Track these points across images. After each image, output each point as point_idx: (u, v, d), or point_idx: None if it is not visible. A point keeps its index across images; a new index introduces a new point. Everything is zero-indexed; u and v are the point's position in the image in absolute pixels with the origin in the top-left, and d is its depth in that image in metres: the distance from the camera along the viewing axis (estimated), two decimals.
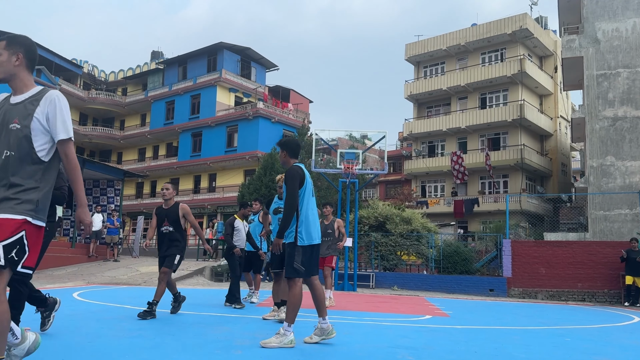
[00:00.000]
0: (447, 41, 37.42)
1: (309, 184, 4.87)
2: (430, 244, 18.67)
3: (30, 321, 4.83)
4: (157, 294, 6.37)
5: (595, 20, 24.12)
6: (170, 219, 6.59)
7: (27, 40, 2.82)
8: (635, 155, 22.61)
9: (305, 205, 4.80)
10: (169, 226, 6.55)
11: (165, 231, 6.58)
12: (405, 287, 16.82)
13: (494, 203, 33.25)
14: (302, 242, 4.72)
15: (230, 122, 38.05)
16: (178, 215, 6.61)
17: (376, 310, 9.18)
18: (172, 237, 6.55)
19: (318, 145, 23.62)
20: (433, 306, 10.73)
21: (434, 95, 38.46)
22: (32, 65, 2.83)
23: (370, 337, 5.59)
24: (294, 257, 4.69)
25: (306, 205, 4.80)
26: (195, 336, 5.02)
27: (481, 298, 14.91)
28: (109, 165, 26.97)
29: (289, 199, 4.68)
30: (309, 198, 4.84)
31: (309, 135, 32.45)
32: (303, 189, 4.79)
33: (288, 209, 4.66)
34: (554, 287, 15.57)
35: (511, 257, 16.02)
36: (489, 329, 6.98)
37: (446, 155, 36.50)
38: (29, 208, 2.56)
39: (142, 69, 46.17)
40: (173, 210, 6.64)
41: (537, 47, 36.60)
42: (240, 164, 37.19)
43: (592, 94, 23.61)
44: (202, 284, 15.02)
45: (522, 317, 9.35)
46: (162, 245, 6.59)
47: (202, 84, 39.58)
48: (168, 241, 6.54)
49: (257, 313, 7.67)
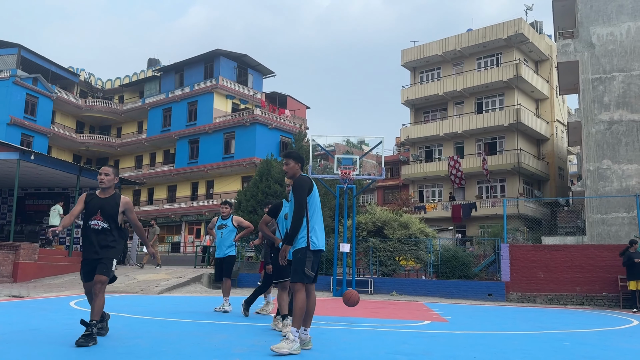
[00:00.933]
0: (443, 46, 37.56)
1: (316, 192, 4.99)
2: (428, 249, 18.65)
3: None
4: (95, 312, 4.94)
5: (589, 25, 24.25)
6: (106, 213, 5.11)
7: None
8: (632, 159, 22.68)
9: (313, 212, 4.90)
10: (102, 221, 5.07)
11: (95, 227, 5.07)
12: (404, 293, 16.78)
13: (491, 207, 33.28)
14: (314, 246, 4.79)
15: (228, 129, 38.05)
16: (117, 209, 5.20)
17: (375, 316, 9.15)
18: (107, 236, 5.09)
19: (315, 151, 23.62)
20: (432, 311, 10.70)
21: (431, 100, 38.56)
22: None
23: (369, 343, 5.57)
24: (305, 262, 4.75)
25: (314, 213, 4.91)
26: (192, 345, 4.99)
27: (480, 303, 14.88)
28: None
29: (297, 208, 4.77)
30: (316, 206, 4.95)
31: (306, 141, 32.48)
32: (311, 196, 4.90)
33: (297, 217, 4.75)
34: (553, 291, 15.55)
35: (509, 261, 16.01)
36: (488, 334, 6.97)
37: (443, 160, 36.57)
38: None
39: (138, 77, 46.21)
40: (110, 202, 5.19)
41: (532, 51, 36.76)
42: (237, 171, 37.17)
43: (588, 97, 23.70)
44: (199, 292, 14.97)
45: (521, 321, 9.33)
46: (90, 245, 5.08)
47: (199, 91, 39.62)
48: (100, 241, 5.04)
49: (255, 321, 7.64)
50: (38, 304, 9.35)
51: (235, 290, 16.82)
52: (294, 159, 5.05)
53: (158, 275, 16.79)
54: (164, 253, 35.00)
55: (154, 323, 6.81)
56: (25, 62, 39.28)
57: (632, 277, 13.74)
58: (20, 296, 11.42)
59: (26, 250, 15.87)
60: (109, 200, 5.18)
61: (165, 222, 40.06)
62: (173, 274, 17.17)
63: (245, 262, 20.46)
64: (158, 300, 11.40)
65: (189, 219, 39.15)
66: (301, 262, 4.75)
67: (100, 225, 5.07)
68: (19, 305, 8.91)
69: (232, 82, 39.88)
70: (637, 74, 23.17)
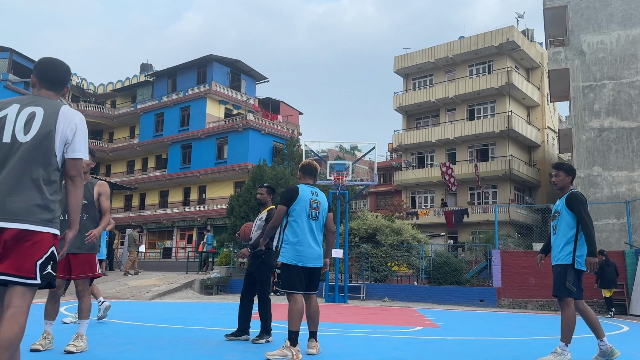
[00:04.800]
0: (435, 54, 37.79)
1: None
2: (420, 254, 18.69)
3: None
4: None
5: (580, 33, 24.50)
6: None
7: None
8: (622, 166, 22.88)
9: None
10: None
11: None
12: (396, 299, 16.80)
13: (483, 213, 33.41)
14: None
15: (220, 134, 37.99)
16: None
17: (367, 322, 9.15)
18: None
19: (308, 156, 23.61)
20: (424, 317, 10.72)
21: (423, 107, 38.73)
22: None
23: (360, 349, 5.57)
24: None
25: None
26: (184, 351, 4.97)
27: (471, 309, 14.92)
28: (97, 177, 26.76)
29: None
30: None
31: (298, 147, 32.49)
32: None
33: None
34: (544, 297, 15.62)
35: (501, 267, 16.08)
36: (479, 340, 6.99)
37: (436, 166, 36.69)
38: None
39: (131, 82, 46.08)
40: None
41: (524, 59, 37.05)
42: (230, 176, 37.09)
43: (579, 105, 23.91)
44: (191, 297, 14.90)
45: (512, 327, 9.37)
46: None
47: (192, 96, 39.55)
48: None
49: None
50: None
51: (227, 296, 16.76)
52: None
53: (149, 281, 16.71)
54: (156, 259, 34.82)
55: (145, 329, 6.77)
56: (17, 66, 39.07)
57: (604, 286, 13.96)
58: None
59: None
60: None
61: (157, 228, 39.85)
62: (164, 279, 17.09)
63: (237, 269, 20.39)
64: (149, 306, 11.34)
65: (181, 224, 38.98)
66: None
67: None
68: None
69: (225, 88, 39.85)
70: (627, 81, 23.42)
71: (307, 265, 4.91)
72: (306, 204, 4.98)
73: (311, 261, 4.93)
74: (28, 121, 2.59)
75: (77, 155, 2.66)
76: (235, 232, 21.71)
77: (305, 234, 4.93)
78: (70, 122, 2.66)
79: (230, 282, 18.78)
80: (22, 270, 2.44)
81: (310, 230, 4.96)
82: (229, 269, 20.17)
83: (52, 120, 2.61)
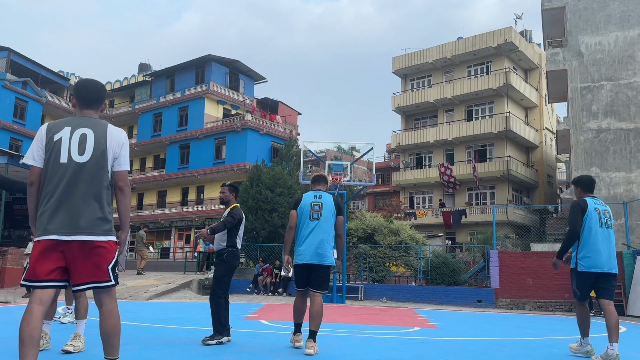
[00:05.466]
0: (434, 54, 37.82)
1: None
2: (418, 255, 18.69)
3: None
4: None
5: (578, 34, 24.54)
6: None
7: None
8: (619, 167, 22.91)
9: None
10: None
11: None
12: (394, 299, 16.80)
13: (481, 214, 33.43)
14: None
15: (219, 134, 37.96)
16: None
17: (365, 323, 9.15)
18: None
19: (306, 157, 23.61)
20: (422, 318, 10.72)
21: (421, 107, 38.75)
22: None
23: (358, 349, 5.57)
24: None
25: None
26: (182, 351, 4.97)
27: (469, 309, 14.93)
28: None
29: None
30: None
31: (297, 147, 32.47)
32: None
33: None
34: (541, 298, 15.63)
35: (499, 268, 16.08)
36: (477, 340, 6.99)
37: (434, 166, 36.72)
38: None
39: (129, 81, 46.03)
40: None
41: (522, 60, 37.10)
42: (228, 176, 37.04)
43: (577, 106, 23.95)
44: (189, 298, 14.88)
45: (510, 328, 9.37)
46: None
47: (190, 96, 39.51)
48: None
49: (245, 327, 7.62)
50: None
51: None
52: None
53: (147, 281, 16.68)
54: (154, 259, 34.77)
55: (143, 329, 6.77)
56: (15, 66, 39.00)
57: None
58: (7, 302, 11.29)
59: (14, 256, 15.70)
60: None
61: (155, 228, 39.79)
62: (162, 279, 17.07)
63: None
64: (147, 306, 11.32)
65: (179, 224, 38.94)
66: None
67: None
68: (6, 312, 8.81)
69: (224, 88, 39.83)
70: (624, 82, 23.47)
71: (304, 262, 5.21)
72: (307, 207, 5.36)
73: (307, 258, 5.18)
74: (81, 143, 2.96)
75: (123, 167, 3.07)
76: None
77: (305, 235, 5.28)
78: (118, 140, 3.07)
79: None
80: (98, 277, 2.92)
81: (311, 230, 5.26)
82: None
83: (102, 140, 3.00)
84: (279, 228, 21.06)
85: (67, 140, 2.95)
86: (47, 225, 2.85)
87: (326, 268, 5.23)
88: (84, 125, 3.01)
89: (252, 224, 21.21)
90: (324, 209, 5.31)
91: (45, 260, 2.84)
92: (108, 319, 2.96)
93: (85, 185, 2.92)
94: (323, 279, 5.25)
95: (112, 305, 2.98)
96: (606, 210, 5.51)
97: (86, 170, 2.93)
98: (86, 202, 2.91)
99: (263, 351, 5.19)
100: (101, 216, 2.94)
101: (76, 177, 2.92)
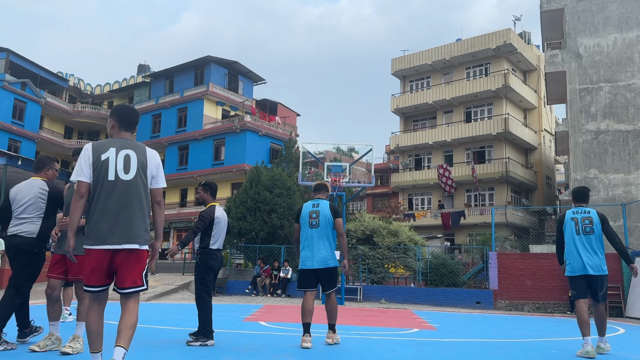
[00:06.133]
0: (433, 56, 37.85)
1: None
2: (417, 256, 18.70)
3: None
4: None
5: (577, 36, 24.56)
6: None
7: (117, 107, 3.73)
8: (618, 168, 22.93)
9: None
10: None
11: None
12: (393, 300, 16.79)
13: (480, 216, 33.43)
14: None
15: (218, 135, 37.95)
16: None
17: (364, 324, 9.15)
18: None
19: (305, 158, 23.62)
20: (420, 319, 10.72)
21: (420, 109, 38.77)
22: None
23: (357, 351, 5.56)
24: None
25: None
26: (180, 352, 4.96)
27: (468, 311, 14.93)
28: None
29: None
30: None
31: (296, 148, 32.46)
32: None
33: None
34: (540, 299, 15.64)
35: (497, 269, 16.09)
36: (476, 342, 6.99)
37: (433, 168, 36.72)
38: None
39: (128, 82, 46.00)
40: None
41: (520, 61, 37.14)
42: (227, 177, 37.04)
43: (575, 107, 23.96)
44: (188, 299, 14.87)
45: (509, 329, 9.37)
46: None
47: (189, 97, 39.51)
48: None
49: (243, 328, 7.61)
50: None
51: (224, 298, 16.75)
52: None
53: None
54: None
55: (142, 331, 6.75)
56: (14, 67, 38.96)
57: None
58: None
59: None
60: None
61: (153, 229, 39.72)
62: (161, 281, 17.05)
63: (234, 270, 20.36)
64: (145, 307, 11.31)
65: (177, 225, 38.92)
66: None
67: None
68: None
69: (223, 89, 39.83)
70: (623, 84, 23.49)
71: (312, 268, 5.73)
72: (306, 216, 5.86)
73: (314, 263, 5.71)
74: (126, 163, 3.39)
75: (160, 185, 3.57)
76: (232, 234, 21.67)
77: (308, 242, 5.79)
78: (155, 161, 3.56)
79: (227, 283, 18.76)
80: (136, 282, 3.31)
81: (312, 238, 5.77)
82: (225, 270, 20.15)
83: (144, 161, 3.46)
84: (277, 229, 21.06)
85: (114, 160, 3.37)
86: (98, 236, 3.25)
87: (331, 270, 5.77)
88: (127, 147, 3.47)
89: (251, 224, 21.21)
90: (321, 216, 5.78)
91: (99, 268, 3.26)
92: (130, 316, 3.28)
93: (131, 200, 3.34)
94: (330, 279, 5.80)
95: (135, 307, 3.34)
96: (587, 217, 5.95)
97: (131, 187, 3.36)
98: (133, 215, 3.33)
99: (262, 352, 5.18)
100: (144, 227, 3.38)
101: (123, 193, 3.33)
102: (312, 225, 5.78)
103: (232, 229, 21.65)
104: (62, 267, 4.82)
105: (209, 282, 5.82)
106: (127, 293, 3.30)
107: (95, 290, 3.30)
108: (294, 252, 19.81)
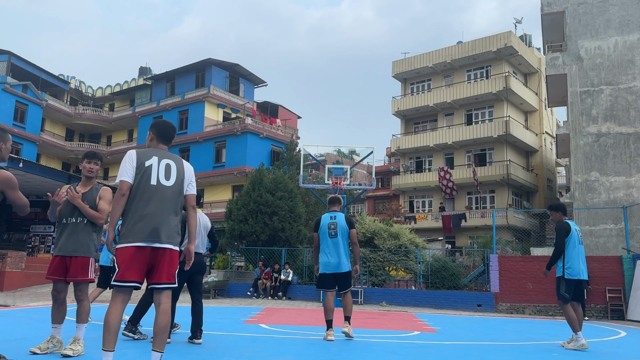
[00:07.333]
0: (433, 58, 37.88)
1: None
2: (418, 259, 18.67)
3: None
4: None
5: (578, 39, 24.58)
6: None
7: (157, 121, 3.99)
8: (619, 171, 22.91)
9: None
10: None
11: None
12: (394, 303, 16.77)
13: (481, 218, 33.41)
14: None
15: (219, 138, 37.99)
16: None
17: (364, 327, 9.13)
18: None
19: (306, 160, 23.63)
20: (421, 322, 10.70)
21: (421, 111, 38.80)
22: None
23: (358, 353, 5.55)
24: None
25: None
26: (180, 355, 4.96)
27: (469, 313, 14.90)
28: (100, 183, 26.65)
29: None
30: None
31: (297, 151, 32.46)
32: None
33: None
34: (541, 302, 15.61)
35: (498, 272, 16.06)
36: (477, 345, 6.98)
37: (433, 170, 36.73)
38: None
39: (129, 85, 46.06)
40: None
41: (521, 64, 37.16)
42: (228, 180, 37.06)
43: (576, 110, 23.96)
44: (188, 301, 14.84)
45: (510, 332, 9.36)
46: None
47: (190, 100, 39.56)
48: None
49: (244, 331, 7.60)
50: (24, 313, 9.24)
51: (225, 300, 16.74)
52: None
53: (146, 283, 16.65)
54: None
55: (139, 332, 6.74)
56: (15, 69, 39.05)
57: None
58: (6, 305, 11.28)
59: (13, 259, 15.69)
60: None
61: None
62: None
63: (234, 272, 20.34)
64: None
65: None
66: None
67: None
68: (5, 315, 8.80)
69: (224, 91, 39.87)
70: (624, 87, 23.49)
71: (332, 272, 6.60)
72: (325, 227, 6.71)
73: (333, 268, 6.60)
74: (167, 170, 3.72)
75: (193, 192, 3.88)
76: (233, 236, 21.67)
77: (328, 250, 6.63)
78: (190, 172, 3.90)
79: (228, 285, 18.75)
80: (170, 279, 3.58)
81: (331, 246, 6.63)
82: (226, 272, 20.14)
83: (182, 171, 3.81)
84: (278, 232, 21.05)
85: (157, 167, 3.69)
86: (138, 234, 3.49)
87: (346, 273, 6.67)
88: (167, 157, 3.79)
89: (253, 227, 21.20)
90: (339, 227, 6.65)
91: (135, 264, 3.47)
92: (164, 316, 3.52)
93: (170, 204, 3.66)
94: (345, 281, 6.70)
95: (168, 305, 3.58)
96: (579, 230, 7.08)
97: (171, 192, 3.68)
98: (170, 217, 3.62)
99: (262, 355, 5.18)
100: (176, 230, 3.67)
101: (163, 197, 3.63)
102: (332, 235, 6.64)
103: (233, 232, 21.62)
104: (63, 268, 4.82)
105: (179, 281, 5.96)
106: (163, 288, 3.54)
107: (129, 285, 3.50)
108: (295, 254, 19.81)
